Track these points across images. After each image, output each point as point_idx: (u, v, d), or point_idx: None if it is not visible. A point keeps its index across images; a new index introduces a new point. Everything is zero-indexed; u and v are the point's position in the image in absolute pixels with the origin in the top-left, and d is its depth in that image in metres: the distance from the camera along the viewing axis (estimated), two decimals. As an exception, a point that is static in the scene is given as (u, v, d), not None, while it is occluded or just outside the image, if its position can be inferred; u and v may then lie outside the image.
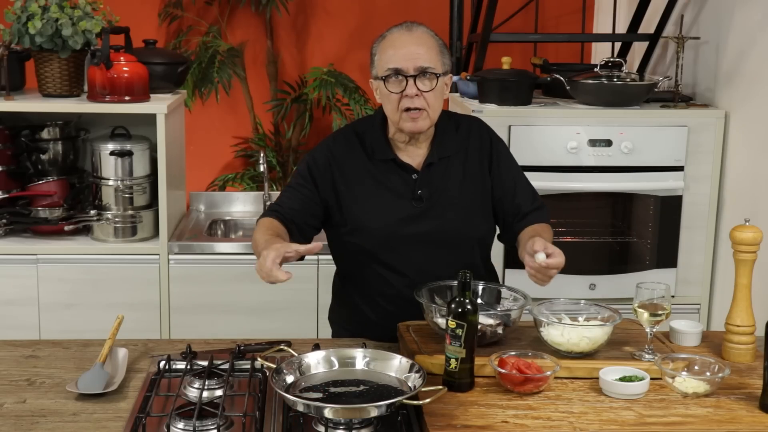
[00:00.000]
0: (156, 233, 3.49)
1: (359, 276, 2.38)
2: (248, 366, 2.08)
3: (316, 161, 2.34)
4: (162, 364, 2.09)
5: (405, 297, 2.23)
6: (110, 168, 3.44)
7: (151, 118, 3.36)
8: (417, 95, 2.20)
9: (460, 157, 2.35)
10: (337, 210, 2.33)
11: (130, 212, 3.46)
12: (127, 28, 3.49)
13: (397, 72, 2.20)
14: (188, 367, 2.07)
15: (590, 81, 3.41)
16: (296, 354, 1.98)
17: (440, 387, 1.83)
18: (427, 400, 1.78)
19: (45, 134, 3.53)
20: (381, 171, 2.32)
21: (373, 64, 2.28)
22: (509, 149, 2.47)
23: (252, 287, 3.45)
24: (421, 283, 2.22)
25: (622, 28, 4.19)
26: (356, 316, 2.40)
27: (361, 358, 1.97)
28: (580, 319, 2.16)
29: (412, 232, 2.30)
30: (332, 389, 1.85)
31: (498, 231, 2.46)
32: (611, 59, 3.49)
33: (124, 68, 3.34)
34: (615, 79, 3.40)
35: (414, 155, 2.33)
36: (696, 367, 2.01)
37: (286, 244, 2.03)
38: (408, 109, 2.21)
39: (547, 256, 2.06)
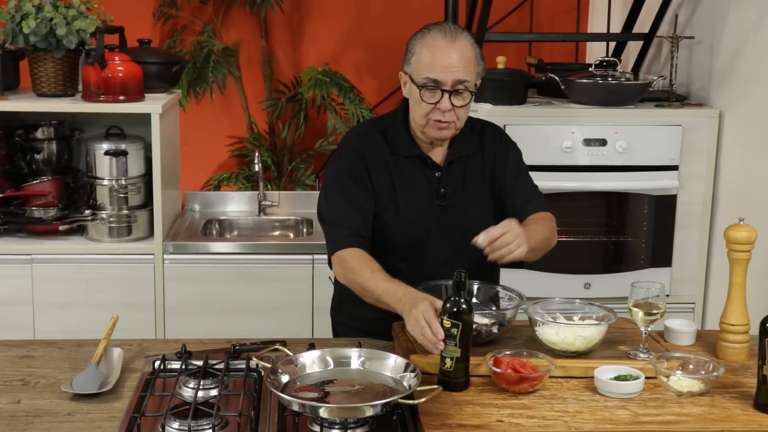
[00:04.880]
0: (151, 233, 3.48)
1: None
2: (243, 366, 2.08)
3: (353, 163, 2.30)
4: (157, 363, 2.09)
5: None
6: (105, 168, 3.43)
7: (145, 118, 3.36)
8: (450, 110, 2.20)
9: (477, 156, 2.36)
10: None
11: (125, 212, 3.46)
12: (122, 28, 3.48)
13: (435, 83, 2.19)
14: (183, 366, 2.06)
15: (585, 80, 3.42)
16: (291, 354, 1.98)
17: (435, 386, 1.83)
18: (423, 400, 1.78)
19: (39, 134, 3.52)
20: (405, 167, 2.32)
21: (408, 61, 2.25)
22: (518, 148, 2.44)
23: (247, 287, 3.45)
24: (437, 278, 2.22)
25: (616, 27, 4.20)
26: (360, 312, 2.37)
27: (356, 357, 1.97)
28: (575, 318, 2.16)
29: (435, 230, 2.31)
30: (327, 389, 1.85)
31: None
32: (606, 59, 3.49)
33: (119, 68, 3.34)
34: (610, 79, 3.40)
35: (436, 152, 2.34)
36: (690, 366, 2.01)
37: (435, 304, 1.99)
38: (438, 120, 2.22)
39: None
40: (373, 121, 2.45)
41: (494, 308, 2.22)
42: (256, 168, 3.98)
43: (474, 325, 2.03)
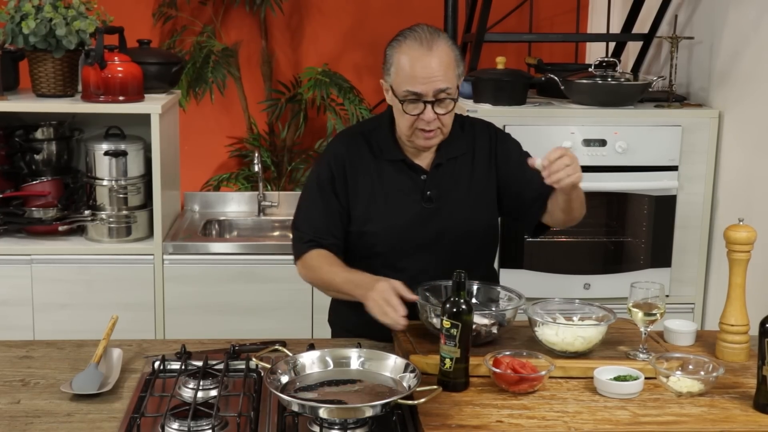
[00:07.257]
0: (150, 233, 3.48)
1: None
2: (243, 366, 2.08)
3: (326, 173, 2.32)
4: (156, 364, 2.09)
5: None
6: (104, 168, 3.43)
7: (145, 118, 3.36)
8: (434, 119, 2.19)
9: (467, 157, 2.34)
10: (349, 211, 2.33)
11: (125, 212, 3.46)
12: (122, 28, 3.48)
13: (416, 95, 2.17)
14: (183, 367, 2.06)
15: (584, 81, 3.42)
16: (291, 354, 1.98)
17: (435, 387, 1.83)
18: (422, 400, 1.78)
19: (39, 134, 3.52)
20: (389, 172, 2.31)
21: (388, 72, 2.24)
22: (515, 140, 2.42)
23: (246, 287, 3.45)
24: (426, 283, 2.22)
25: (616, 28, 4.20)
26: (357, 315, 2.37)
27: (355, 358, 1.97)
28: (574, 318, 2.16)
29: (422, 233, 2.30)
30: (327, 389, 1.85)
31: (525, 224, 2.41)
32: (605, 59, 3.49)
33: (119, 68, 3.34)
34: (609, 79, 3.40)
35: (422, 156, 2.33)
36: (690, 367, 2.01)
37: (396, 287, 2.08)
38: (423, 130, 2.21)
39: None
40: (359, 125, 2.44)
41: (494, 309, 2.22)
42: (256, 168, 3.98)
43: (474, 326, 2.03)
